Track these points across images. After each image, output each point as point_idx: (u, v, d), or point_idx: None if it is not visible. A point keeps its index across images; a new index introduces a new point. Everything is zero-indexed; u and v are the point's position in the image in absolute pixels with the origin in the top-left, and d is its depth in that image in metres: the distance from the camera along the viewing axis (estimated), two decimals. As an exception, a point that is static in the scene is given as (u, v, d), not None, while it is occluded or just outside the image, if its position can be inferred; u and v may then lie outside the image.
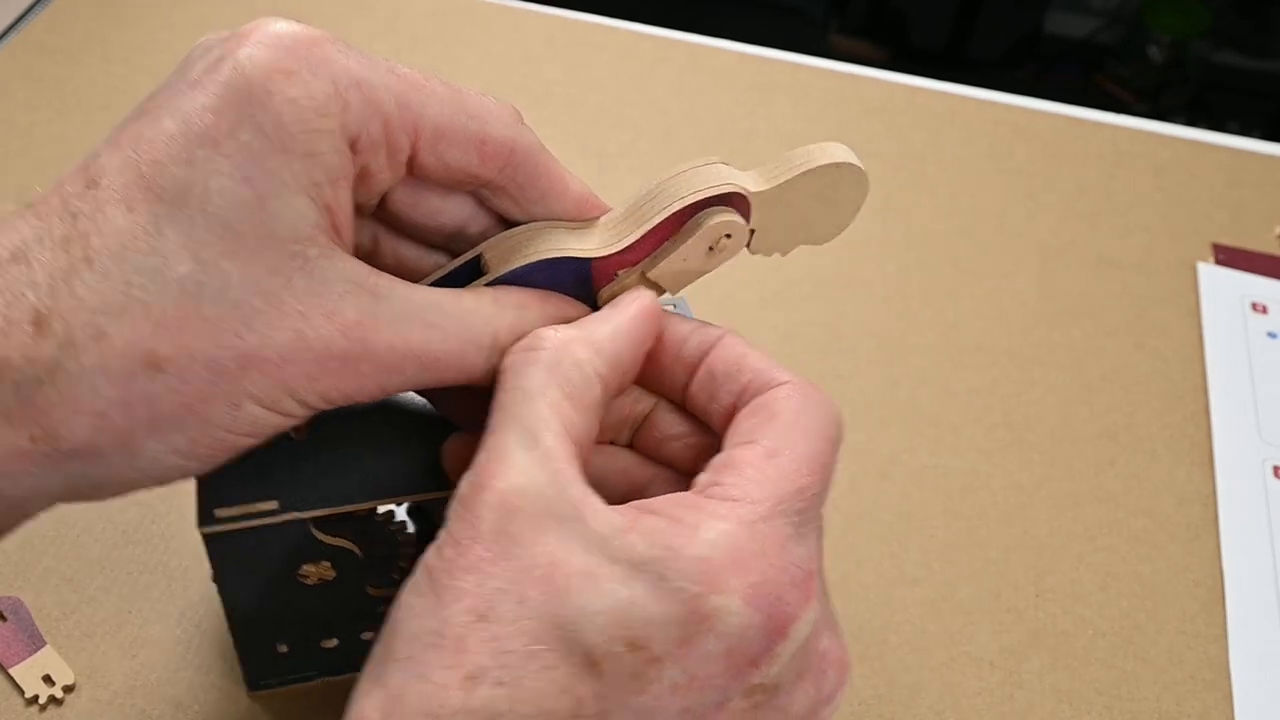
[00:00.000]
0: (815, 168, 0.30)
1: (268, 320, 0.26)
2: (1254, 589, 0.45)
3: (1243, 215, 0.61)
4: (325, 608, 0.36)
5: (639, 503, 0.27)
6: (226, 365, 0.25)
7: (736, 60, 0.69)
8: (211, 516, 0.31)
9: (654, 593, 0.25)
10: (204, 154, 0.25)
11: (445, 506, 0.33)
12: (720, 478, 0.27)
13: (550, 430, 0.27)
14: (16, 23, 0.66)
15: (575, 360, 0.28)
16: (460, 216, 0.32)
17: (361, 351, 0.27)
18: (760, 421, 0.29)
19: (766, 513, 0.26)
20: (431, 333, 0.28)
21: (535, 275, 0.30)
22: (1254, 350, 0.54)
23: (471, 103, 0.29)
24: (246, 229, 0.25)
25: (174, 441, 0.26)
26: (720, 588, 0.25)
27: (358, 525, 0.34)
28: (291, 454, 0.32)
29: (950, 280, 0.57)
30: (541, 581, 0.25)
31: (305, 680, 0.39)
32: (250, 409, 0.26)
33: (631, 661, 0.25)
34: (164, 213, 0.25)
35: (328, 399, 0.27)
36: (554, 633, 0.25)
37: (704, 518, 0.26)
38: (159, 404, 0.25)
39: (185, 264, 0.25)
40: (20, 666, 0.38)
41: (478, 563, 0.25)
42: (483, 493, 0.26)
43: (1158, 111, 1.62)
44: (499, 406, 0.28)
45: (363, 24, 0.68)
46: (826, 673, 0.28)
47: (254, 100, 0.26)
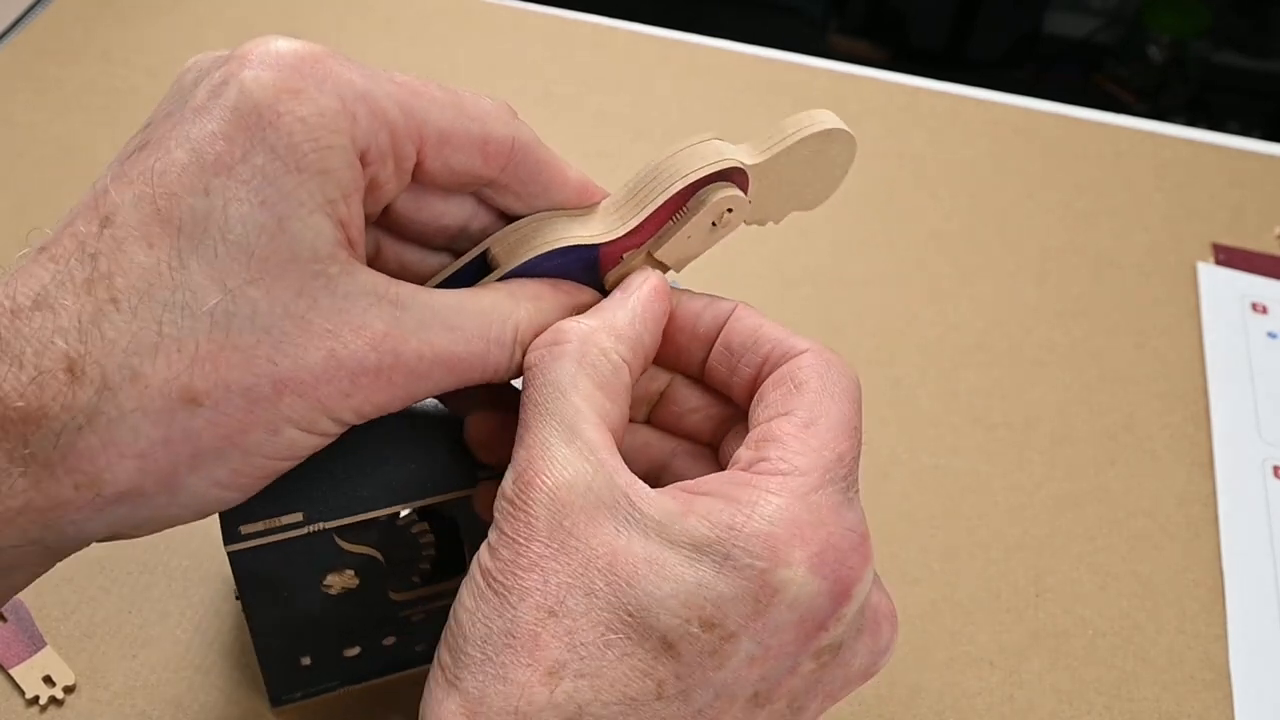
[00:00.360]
0: (807, 135, 0.31)
1: (298, 343, 0.26)
2: (1254, 589, 0.45)
3: (1243, 215, 0.61)
4: (348, 616, 0.35)
5: (685, 484, 0.28)
6: (263, 392, 0.25)
7: (736, 60, 0.69)
8: (237, 534, 0.31)
9: (721, 572, 0.25)
10: (219, 182, 0.25)
11: (466, 504, 0.33)
12: (764, 453, 0.28)
13: (588, 422, 0.27)
14: (16, 23, 0.66)
15: (601, 349, 0.29)
16: (462, 216, 0.32)
17: (393, 362, 0.27)
18: (787, 392, 0.29)
19: (817, 482, 0.27)
20: (454, 335, 0.28)
21: (544, 266, 0.31)
22: (1254, 350, 0.54)
23: (470, 104, 0.29)
24: (269, 253, 0.25)
25: (216, 474, 0.26)
26: (786, 560, 0.26)
27: (380, 531, 0.34)
28: (307, 465, 0.31)
29: (950, 280, 0.57)
30: (605, 572, 0.26)
31: (328, 691, 0.39)
32: (288, 433, 0.26)
33: (707, 640, 0.25)
34: (186, 246, 0.25)
35: (361, 414, 0.27)
36: (626, 620, 0.25)
37: (759, 494, 0.26)
38: (200, 439, 0.25)
39: (213, 295, 0.25)
40: (21, 667, 0.38)
41: (538, 560, 0.26)
42: (531, 490, 0.26)
43: (1158, 111, 1.62)
44: (531, 402, 0.28)
45: (362, 24, 0.68)
46: (881, 626, 0.29)
47: (264, 122, 0.25)
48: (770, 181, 0.31)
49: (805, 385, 0.29)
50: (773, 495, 0.26)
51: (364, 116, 0.27)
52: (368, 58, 0.28)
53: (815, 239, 0.58)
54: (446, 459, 0.33)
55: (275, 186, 0.25)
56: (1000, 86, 0.70)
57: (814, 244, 0.58)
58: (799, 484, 0.27)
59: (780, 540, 0.26)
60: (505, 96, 0.31)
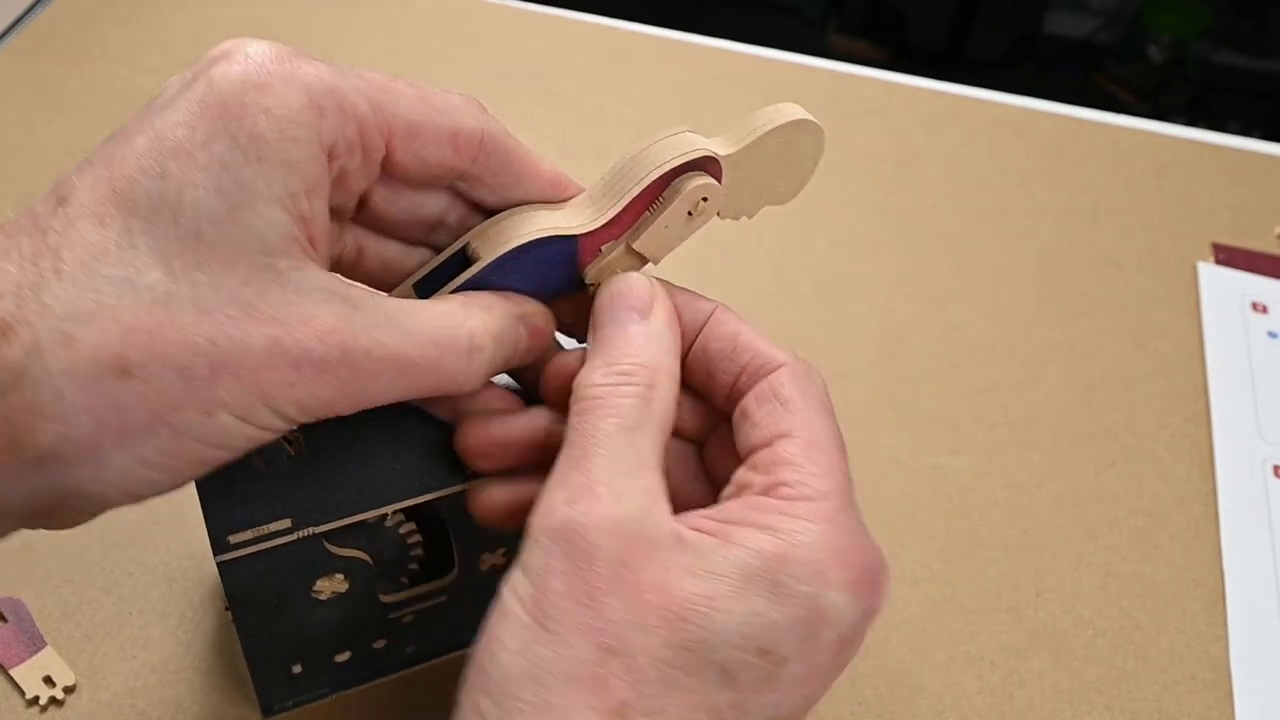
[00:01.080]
0: (777, 126, 0.31)
1: (242, 327, 0.25)
2: (1254, 589, 0.45)
3: (1243, 215, 0.61)
4: (338, 621, 0.35)
5: (707, 513, 0.28)
6: (199, 371, 0.25)
7: (736, 60, 0.69)
8: (226, 543, 0.30)
9: (774, 601, 0.26)
10: (176, 167, 0.25)
11: (453, 502, 0.33)
12: (779, 476, 0.28)
13: (648, 464, 0.28)
14: (16, 23, 0.66)
15: (664, 390, 0.29)
16: (438, 209, 0.32)
17: (340, 357, 0.26)
18: (774, 409, 0.30)
19: (839, 504, 0.28)
20: (407, 338, 0.28)
21: (524, 257, 0.31)
22: (1254, 350, 0.54)
23: (438, 99, 0.30)
24: (218, 240, 0.25)
25: (143, 452, 0.25)
26: (831, 584, 0.26)
27: (368, 533, 0.34)
28: (292, 471, 0.32)
29: (950, 280, 0.57)
30: (660, 608, 0.26)
31: (319, 698, 0.38)
32: (223, 418, 0.26)
33: (763, 667, 0.26)
34: (136, 226, 0.25)
35: (304, 409, 0.27)
36: (685, 656, 0.25)
37: (795, 521, 0.27)
38: (128, 411, 0.24)
39: (156, 273, 0.25)
40: (21, 667, 0.38)
41: (596, 595, 0.25)
42: (591, 523, 0.26)
43: (1158, 111, 1.62)
44: (592, 430, 0.28)
45: (363, 24, 0.68)
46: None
47: (228, 113, 0.26)
48: (743, 173, 0.32)
49: (791, 402, 0.30)
50: (808, 522, 0.27)
51: (331, 110, 0.27)
52: (367, 58, 0.29)
53: (815, 239, 0.58)
54: (432, 458, 0.33)
55: (232, 175, 0.25)
56: (1000, 86, 0.70)
57: (814, 244, 0.58)
58: (826, 508, 0.27)
59: (825, 566, 0.26)
60: (505, 96, 0.31)
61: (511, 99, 0.63)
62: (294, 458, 0.32)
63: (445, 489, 0.32)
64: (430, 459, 0.33)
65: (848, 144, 0.63)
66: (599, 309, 0.31)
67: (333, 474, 0.32)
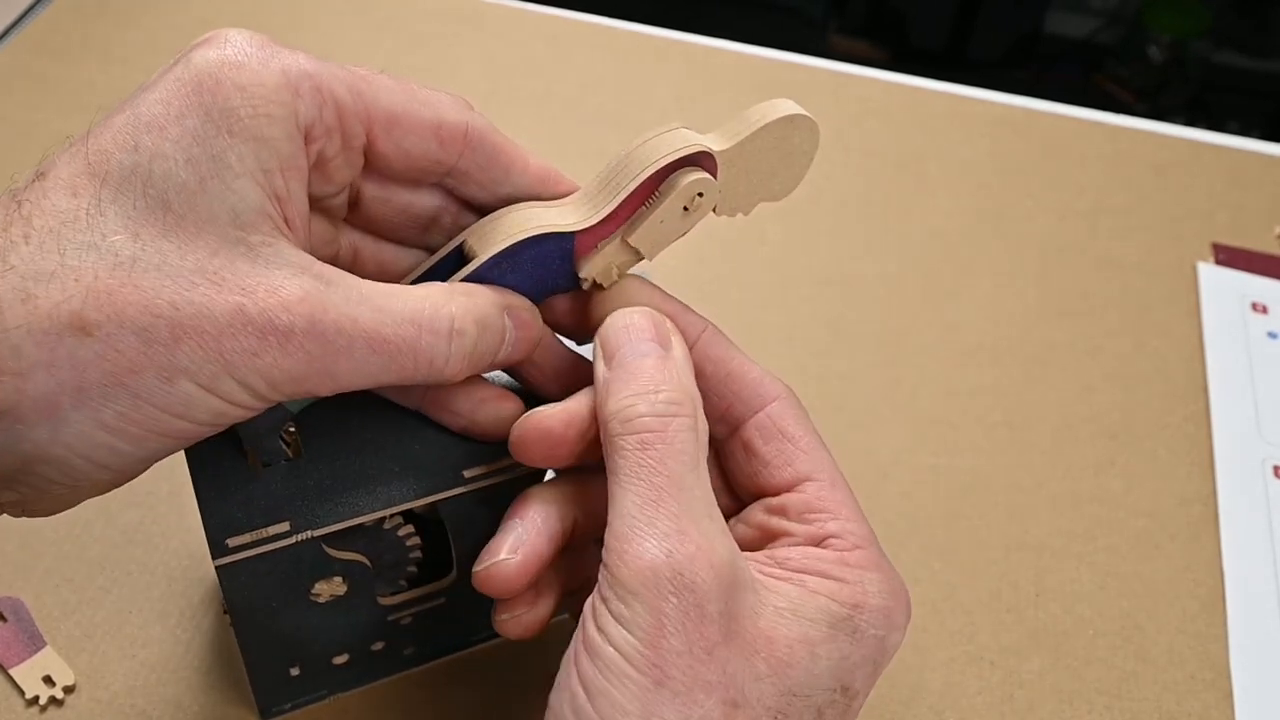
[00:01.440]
0: (771, 122, 0.31)
1: (206, 294, 0.25)
2: (1254, 589, 0.45)
3: (1243, 215, 0.61)
4: (337, 624, 0.35)
5: (770, 559, 0.29)
6: (160, 335, 0.24)
7: (736, 60, 0.69)
8: (224, 546, 0.30)
9: (855, 644, 0.28)
10: (149, 139, 0.26)
11: (451, 504, 0.33)
12: (827, 528, 0.30)
13: (713, 501, 0.28)
14: (16, 23, 0.66)
15: (704, 422, 0.30)
16: (430, 207, 0.32)
17: (306, 328, 0.26)
18: (785, 448, 0.31)
19: (878, 549, 0.30)
20: (383, 315, 0.27)
21: (520, 255, 0.31)
22: (1254, 350, 0.54)
23: (421, 92, 0.30)
24: (186, 210, 0.25)
25: (101, 415, 0.25)
26: (895, 625, 0.29)
27: (367, 536, 0.34)
28: (291, 474, 0.31)
29: (950, 280, 0.57)
30: (766, 657, 0.27)
31: (317, 700, 0.38)
32: (184, 385, 0.25)
33: (843, 702, 0.28)
34: (107, 195, 0.25)
35: (271, 382, 0.26)
36: (791, 702, 0.27)
37: (858, 572, 0.29)
38: (85, 370, 0.24)
39: (122, 238, 0.25)
40: (21, 667, 0.38)
41: (712, 649, 0.26)
42: (696, 571, 0.26)
43: (1158, 111, 1.62)
44: (661, 469, 0.27)
45: (363, 24, 0.68)
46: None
47: (203, 89, 0.26)
48: (738, 170, 0.32)
49: (800, 440, 0.31)
50: (869, 572, 0.29)
51: (308, 92, 0.27)
52: (367, 58, 0.29)
53: (815, 239, 0.58)
54: (431, 461, 0.32)
55: (204, 147, 0.26)
56: (1000, 86, 0.70)
57: (814, 244, 0.58)
58: (874, 555, 0.30)
59: (891, 610, 0.29)
60: (505, 96, 0.31)
61: (511, 99, 0.63)
62: (292, 460, 0.32)
63: (444, 491, 0.32)
64: (429, 461, 0.32)
65: (848, 144, 0.63)
66: (611, 337, 0.31)
67: (331, 477, 0.32)
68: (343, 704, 0.39)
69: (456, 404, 0.32)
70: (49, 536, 0.42)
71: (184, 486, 0.44)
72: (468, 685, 0.40)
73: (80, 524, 0.43)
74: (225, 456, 0.32)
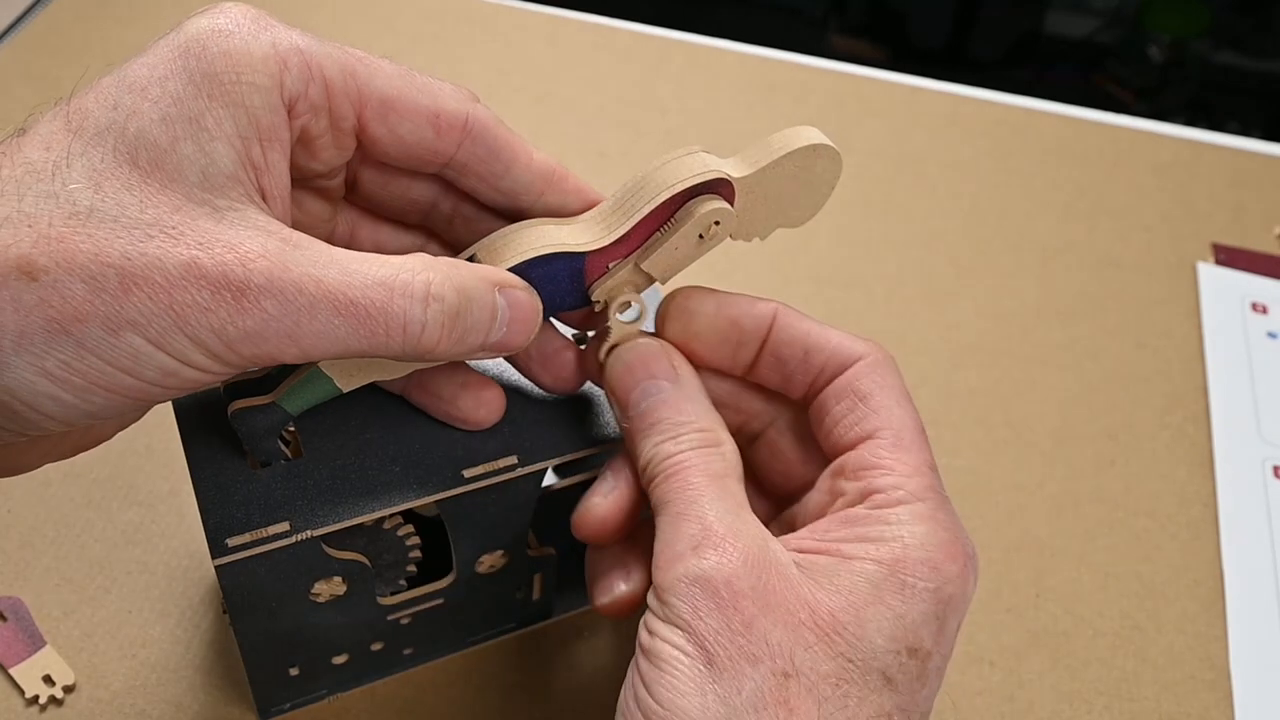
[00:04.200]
0: (794, 150, 0.31)
1: (161, 245, 0.24)
2: (1254, 589, 0.45)
3: (1243, 215, 0.61)
4: (336, 624, 0.35)
5: (810, 535, 0.29)
6: (108, 283, 0.24)
7: (736, 60, 0.69)
8: (224, 546, 0.30)
9: (905, 600, 0.27)
10: (129, 99, 0.26)
11: (451, 504, 0.33)
12: (873, 483, 0.29)
13: (744, 504, 0.29)
14: (16, 23, 0.66)
15: (728, 440, 0.31)
16: (429, 195, 0.32)
17: (264, 284, 0.25)
18: (853, 406, 0.31)
19: (935, 501, 0.29)
20: (350, 278, 0.26)
21: (530, 272, 0.30)
22: (1254, 350, 0.54)
23: (421, 79, 0.30)
24: (152, 168, 0.25)
25: (44, 362, 0.24)
26: (948, 577, 0.28)
27: (366, 536, 0.34)
28: (290, 473, 0.31)
29: (950, 280, 0.57)
30: (811, 626, 0.26)
31: (316, 700, 0.38)
32: (131, 338, 0.24)
33: (915, 666, 0.27)
34: (77, 148, 0.25)
35: (228, 341, 0.25)
36: (849, 668, 0.26)
37: (899, 527, 0.28)
38: (29, 314, 0.24)
39: (83, 188, 0.25)
40: (20, 666, 0.38)
41: (750, 622, 0.26)
42: (723, 559, 0.27)
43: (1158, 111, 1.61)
44: (685, 487, 0.29)
45: (363, 24, 0.68)
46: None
47: (189, 54, 0.26)
48: (757, 196, 0.31)
49: (870, 397, 0.30)
50: (912, 525, 0.28)
51: (296, 66, 0.27)
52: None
53: (815, 239, 0.58)
54: (430, 460, 0.32)
55: (181, 108, 0.26)
56: (1000, 86, 0.70)
57: (814, 244, 0.58)
58: (924, 509, 0.29)
59: (938, 562, 0.28)
60: (505, 96, 0.31)
61: (511, 99, 0.63)
62: (291, 460, 0.32)
63: (444, 491, 0.32)
64: (429, 461, 0.32)
65: (848, 144, 0.63)
66: (620, 382, 0.32)
67: (331, 477, 0.32)
68: (342, 704, 0.39)
69: (438, 387, 0.32)
70: (49, 536, 0.42)
71: (184, 486, 0.44)
72: (467, 685, 0.40)
73: (80, 524, 0.43)
74: (225, 456, 0.32)
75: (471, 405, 0.32)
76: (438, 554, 0.36)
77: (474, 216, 0.33)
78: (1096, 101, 0.75)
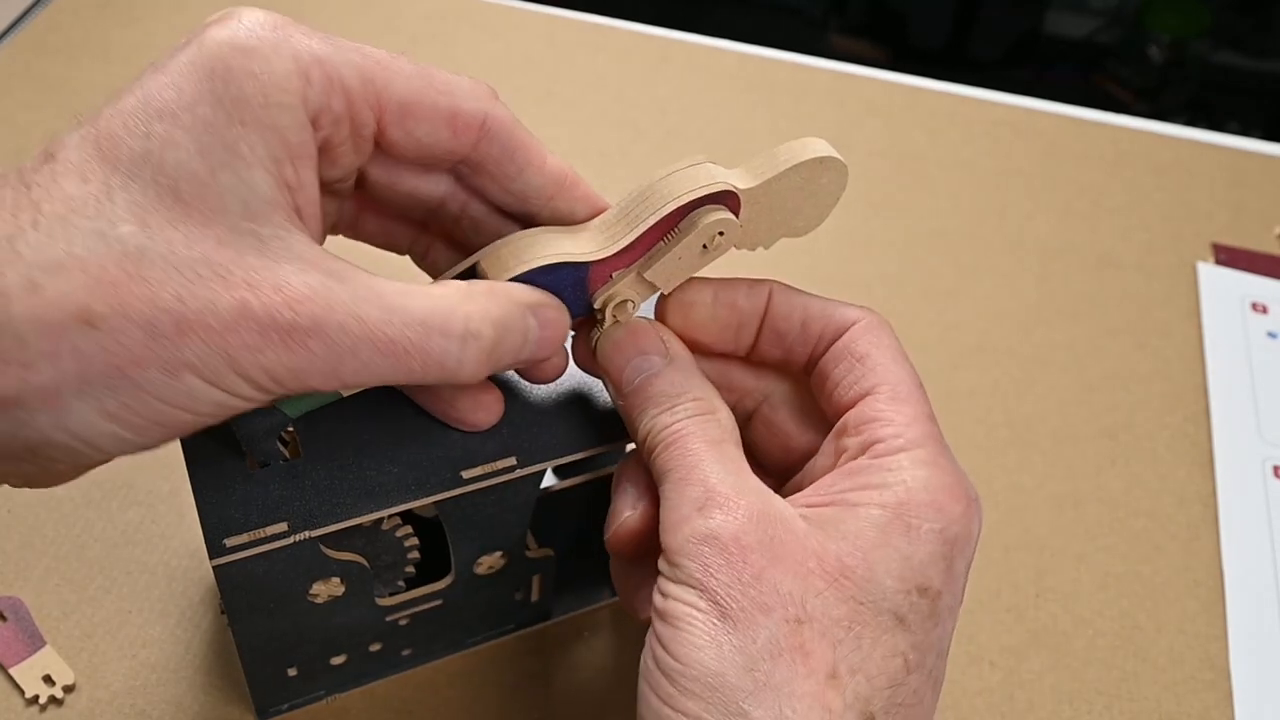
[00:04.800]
0: (801, 163, 0.31)
1: (212, 288, 0.25)
2: (1254, 589, 0.45)
3: (1243, 215, 0.61)
4: (334, 625, 0.35)
5: (813, 492, 0.29)
6: (164, 328, 0.24)
7: (736, 60, 0.69)
8: (221, 547, 0.30)
9: (911, 541, 0.28)
10: (161, 127, 0.25)
11: (449, 505, 0.33)
12: (874, 434, 0.29)
13: (744, 467, 0.29)
14: (16, 23, 0.66)
15: (723, 409, 0.31)
16: (438, 192, 0.32)
17: (310, 326, 0.26)
18: (851, 366, 0.31)
19: (935, 447, 0.29)
20: (391, 316, 0.27)
21: (534, 281, 0.30)
22: (1254, 350, 0.54)
23: (440, 79, 0.29)
24: (195, 200, 0.25)
25: (105, 404, 0.25)
26: (952, 517, 0.28)
27: (364, 536, 0.34)
28: (289, 473, 0.31)
29: (950, 280, 0.57)
30: (819, 573, 0.27)
31: (314, 701, 0.38)
32: (189, 380, 0.25)
33: (926, 605, 0.27)
34: (117, 182, 0.25)
35: (275, 377, 0.26)
36: (860, 610, 0.27)
37: (900, 472, 0.29)
38: (89, 361, 0.24)
39: (130, 227, 0.25)
40: (20, 666, 0.38)
41: (759, 573, 0.26)
42: (728, 516, 0.27)
43: (1158, 111, 1.61)
44: (684, 454, 0.29)
45: (363, 24, 0.68)
46: None
47: (214, 75, 0.26)
48: (762, 207, 0.31)
49: (867, 357, 0.31)
50: (913, 469, 0.28)
51: (318, 79, 0.27)
52: (367, 57, 0.29)
53: (815, 239, 0.57)
54: (429, 461, 0.32)
55: (216, 137, 0.25)
56: (1000, 86, 0.70)
57: (814, 244, 0.57)
58: (923, 455, 0.29)
59: (942, 503, 0.28)
60: (505, 97, 0.31)
61: (511, 99, 0.63)
62: (290, 460, 0.32)
63: (442, 492, 0.32)
64: (427, 462, 0.32)
65: (848, 144, 0.63)
66: (611, 361, 0.32)
67: (329, 477, 0.32)
68: (340, 704, 0.39)
69: (437, 387, 0.32)
70: (49, 536, 0.42)
71: (184, 486, 0.44)
72: (466, 686, 0.40)
73: (80, 524, 0.43)
74: (223, 456, 0.31)
75: (469, 407, 0.32)
76: (436, 555, 0.36)
77: (481, 217, 0.33)
78: (1096, 101, 0.75)
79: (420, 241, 0.34)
